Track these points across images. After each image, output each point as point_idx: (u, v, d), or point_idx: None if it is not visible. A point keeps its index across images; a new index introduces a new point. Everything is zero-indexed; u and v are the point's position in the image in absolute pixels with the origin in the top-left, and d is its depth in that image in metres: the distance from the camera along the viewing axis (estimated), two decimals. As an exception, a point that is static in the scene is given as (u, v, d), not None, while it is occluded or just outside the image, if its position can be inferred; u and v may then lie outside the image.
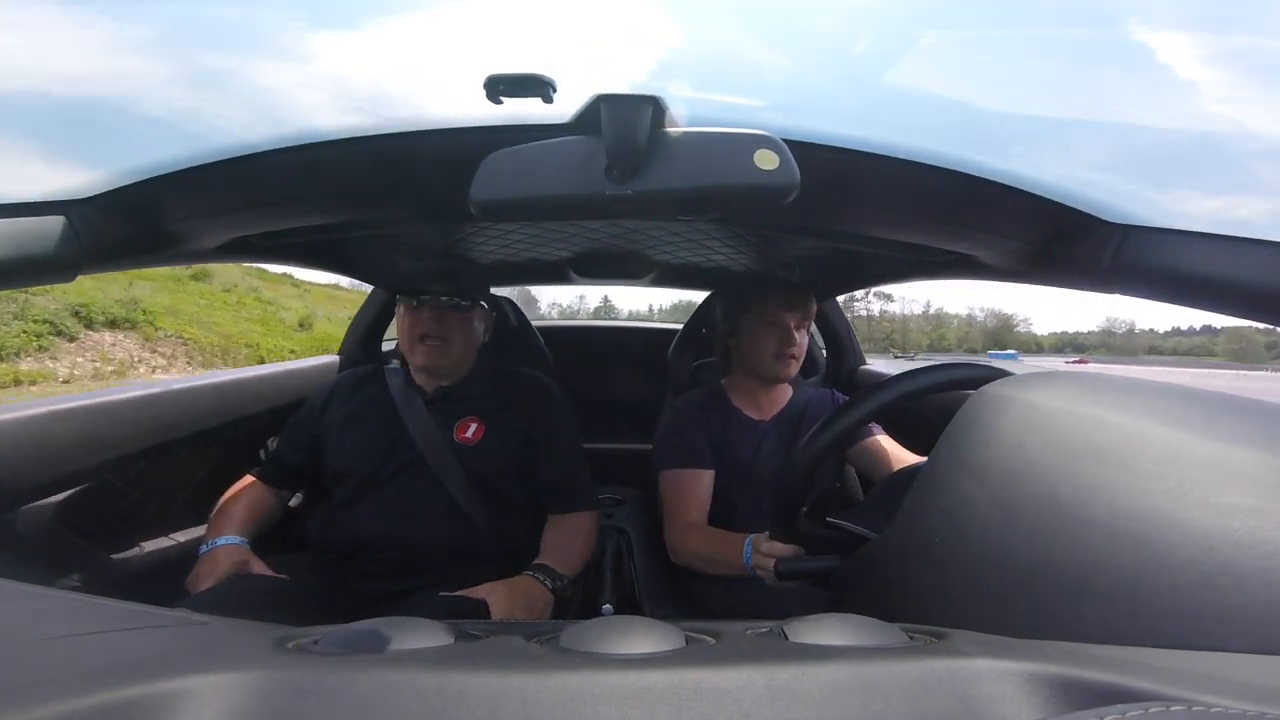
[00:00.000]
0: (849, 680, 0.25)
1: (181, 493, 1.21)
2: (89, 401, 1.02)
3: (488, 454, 1.13)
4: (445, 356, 1.14)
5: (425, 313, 1.11)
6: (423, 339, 1.11)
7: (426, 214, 1.00)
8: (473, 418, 1.15)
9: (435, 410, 1.15)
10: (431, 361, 1.14)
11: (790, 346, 1.22)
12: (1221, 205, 0.69)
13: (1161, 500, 0.34)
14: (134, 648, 0.32)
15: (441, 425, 1.13)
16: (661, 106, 0.56)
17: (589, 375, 2.19)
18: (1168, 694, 0.23)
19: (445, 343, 1.13)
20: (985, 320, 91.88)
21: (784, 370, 1.23)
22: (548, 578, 1.01)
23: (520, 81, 0.53)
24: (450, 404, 1.16)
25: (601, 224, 1.45)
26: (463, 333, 1.15)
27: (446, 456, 1.10)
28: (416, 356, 1.14)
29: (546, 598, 0.99)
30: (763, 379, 1.28)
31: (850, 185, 0.79)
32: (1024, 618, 0.37)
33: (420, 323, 1.11)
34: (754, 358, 1.25)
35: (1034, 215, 0.80)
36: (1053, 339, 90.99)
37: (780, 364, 1.22)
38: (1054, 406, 0.44)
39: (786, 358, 1.22)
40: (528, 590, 0.98)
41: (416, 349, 1.13)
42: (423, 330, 1.11)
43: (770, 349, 1.22)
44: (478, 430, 1.14)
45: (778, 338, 1.21)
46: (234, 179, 0.76)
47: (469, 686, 0.24)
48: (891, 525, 0.53)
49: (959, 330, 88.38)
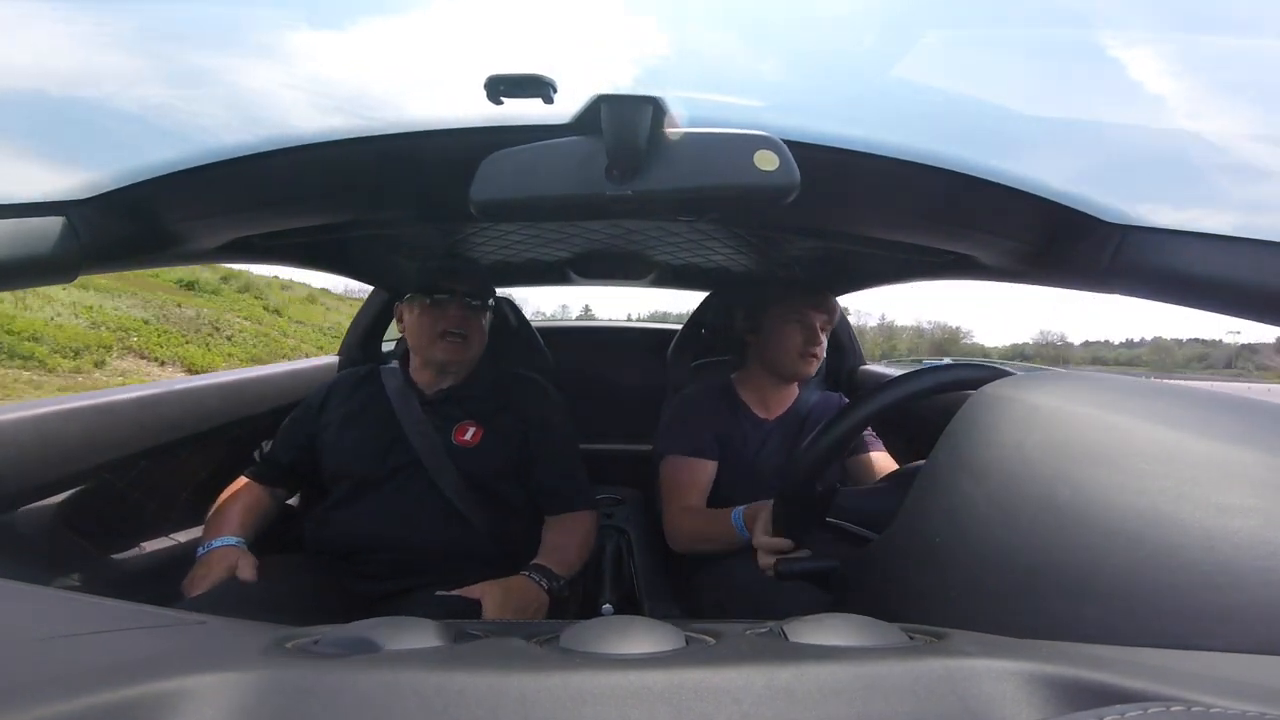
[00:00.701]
0: (849, 680, 0.25)
1: (182, 493, 1.21)
2: (90, 401, 1.02)
3: (486, 457, 1.13)
4: (465, 352, 1.15)
5: (450, 310, 1.12)
6: (445, 335, 1.12)
7: (427, 214, 1.00)
8: (471, 421, 1.15)
9: (433, 412, 1.15)
10: (452, 357, 1.14)
11: (815, 345, 1.22)
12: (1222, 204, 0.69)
13: (1160, 500, 0.34)
14: (134, 648, 0.32)
15: (439, 427, 1.13)
16: (662, 107, 0.56)
17: (588, 375, 2.19)
18: (1167, 694, 0.23)
19: (466, 339, 1.14)
20: (932, 331, 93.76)
21: (806, 369, 1.24)
22: (543, 578, 1.01)
23: (521, 82, 0.53)
24: (449, 406, 1.16)
25: (602, 224, 1.46)
26: (480, 330, 1.17)
27: (443, 459, 1.10)
28: (437, 352, 1.13)
29: (542, 598, 0.99)
30: (782, 376, 1.28)
31: (850, 186, 0.79)
32: (1024, 618, 0.37)
33: (444, 319, 1.12)
34: (777, 354, 1.25)
35: (1033, 216, 0.80)
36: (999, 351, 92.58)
37: (804, 362, 1.23)
38: (1053, 407, 0.44)
39: (810, 356, 1.23)
40: (523, 590, 0.98)
41: (438, 345, 1.13)
42: (446, 326, 1.12)
43: (796, 347, 1.23)
44: (476, 433, 1.14)
45: (804, 336, 1.22)
46: (235, 179, 0.76)
47: (468, 687, 0.24)
48: (892, 525, 0.53)
49: (909, 341, 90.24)
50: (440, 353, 1.13)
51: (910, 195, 0.81)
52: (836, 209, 0.89)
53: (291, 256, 1.27)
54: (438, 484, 1.08)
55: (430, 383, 1.18)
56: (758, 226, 1.23)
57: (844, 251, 1.36)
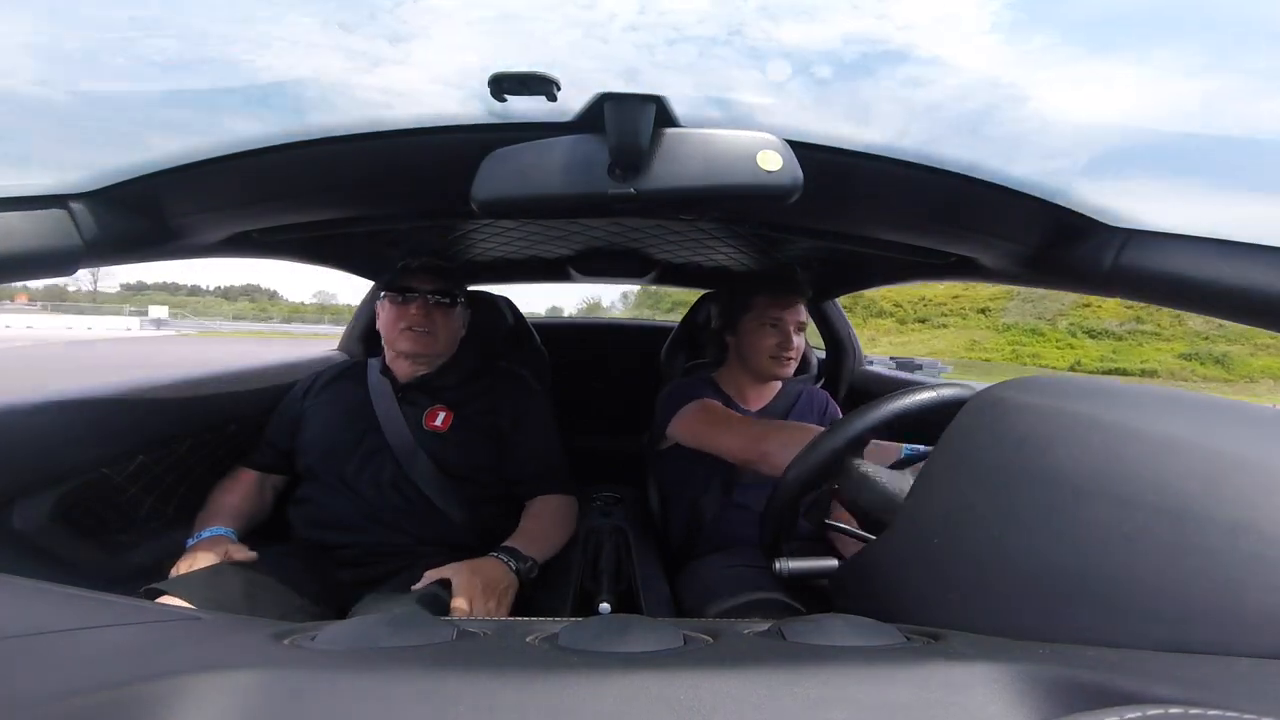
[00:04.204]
0: (846, 681, 0.25)
1: (180, 487, 1.21)
2: (86, 394, 1.02)
3: (455, 443, 1.16)
4: (431, 345, 1.18)
5: (412, 308, 1.17)
6: (408, 329, 1.16)
7: (429, 211, 1.00)
8: (442, 406, 1.18)
9: (407, 400, 1.19)
10: (416, 347, 1.18)
11: (788, 349, 1.24)
12: (1223, 206, 0.69)
13: (1159, 502, 0.34)
14: (132, 644, 0.32)
15: (410, 415, 1.16)
16: (665, 106, 0.56)
17: (586, 372, 2.19)
18: (1165, 697, 0.23)
19: (430, 334, 1.18)
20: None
21: (781, 371, 1.26)
22: (511, 559, 1.02)
23: (524, 80, 0.53)
24: (422, 393, 1.20)
25: (603, 222, 1.46)
26: (447, 326, 1.21)
27: (412, 445, 1.13)
28: (401, 343, 1.18)
29: (509, 579, 1.00)
30: (759, 377, 1.31)
31: (852, 187, 0.79)
32: (1022, 619, 0.37)
33: (405, 316, 1.16)
34: (752, 357, 1.27)
35: (1035, 218, 0.80)
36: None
37: (778, 365, 1.25)
38: (1052, 409, 0.44)
39: (784, 359, 1.25)
40: (489, 571, 0.98)
41: (402, 335, 1.17)
42: (407, 323, 1.16)
43: (769, 351, 1.25)
44: (446, 418, 1.17)
45: (777, 340, 1.24)
46: (236, 174, 0.76)
47: (467, 684, 0.24)
48: (891, 526, 0.53)
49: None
50: (403, 343, 1.17)
51: (912, 197, 0.81)
52: (838, 210, 0.89)
53: (293, 252, 1.27)
54: (409, 472, 1.11)
55: (406, 372, 1.22)
56: (759, 226, 1.23)
57: (845, 252, 1.36)
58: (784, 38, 0.57)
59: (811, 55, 0.59)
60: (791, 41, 0.57)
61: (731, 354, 1.34)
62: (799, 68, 0.59)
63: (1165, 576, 0.32)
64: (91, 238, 0.73)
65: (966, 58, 0.62)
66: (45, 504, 0.93)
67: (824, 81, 0.62)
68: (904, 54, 0.61)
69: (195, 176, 0.75)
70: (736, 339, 1.31)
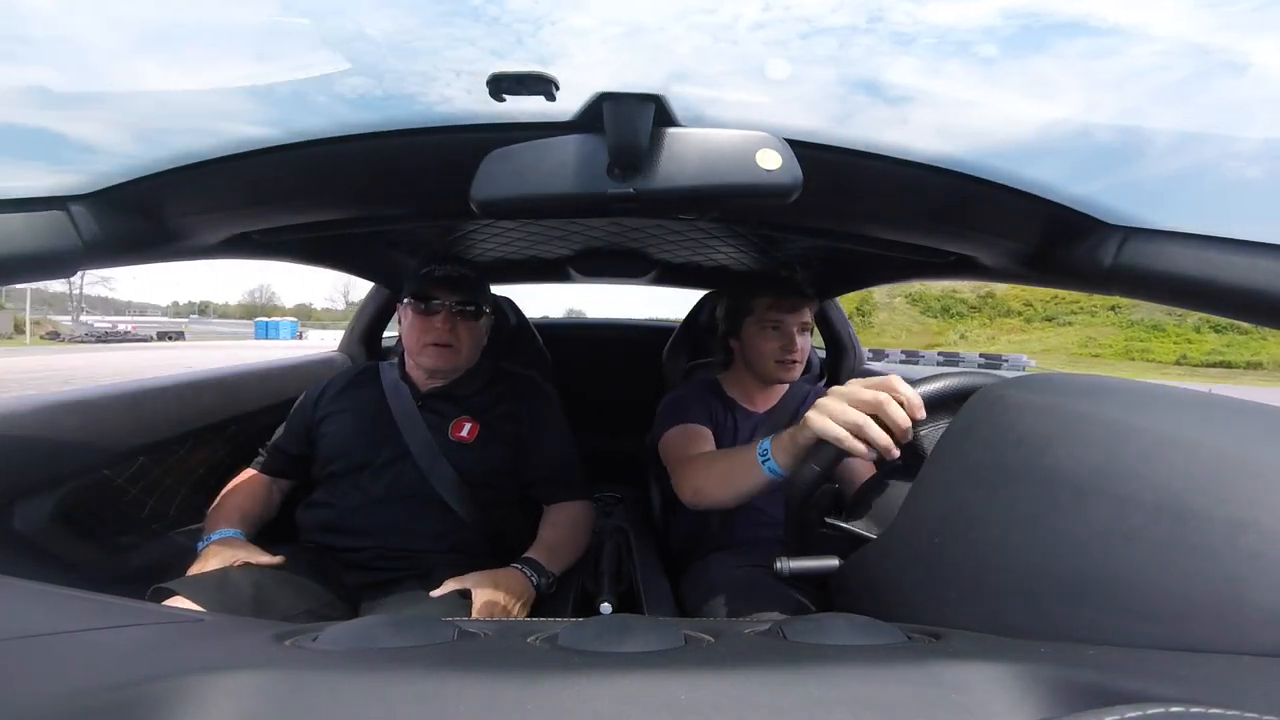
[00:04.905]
0: (847, 680, 0.25)
1: (182, 489, 1.21)
2: (87, 396, 1.02)
3: (484, 453, 1.15)
4: (453, 359, 1.17)
5: (437, 320, 1.14)
6: (432, 345, 1.14)
7: (428, 211, 1.00)
8: (467, 417, 1.17)
9: (429, 409, 1.17)
10: (440, 364, 1.16)
11: (792, 352, 1.24)
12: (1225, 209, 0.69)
13: (1160, 500, 0.34)
14: (133, 645, 0.32)
15: (435, 424, 1.15)
16: (664, 105, 0.56)
17: (588, 373, 2.19)
18: (1165, 695, 0.23)
19: (454, 349, 1.15)
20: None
21: (786, 374, 1.26)
22: (535, 574, 1.02)
23: (523, 79, 0.53)
24: (445, 403, 1.18)
25: (602, 222, 1.46)
26: (471, 337, 1.18)
27: (435, 454, 1.12)
28: (425, 359, 1.16)
29: (530, 593, 1.00)
30: (764, 380, 1.30)
31: (852, 186, 0.79)
32: (1022, 618, 0.37)
33: (431, 330, 1.14)
34: (756, 361, 1.27)
35: (1035, 217, 0.80)
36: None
37: (782, 368, 1.25)
38: (1051, 407, 0.44)
39: (789, 362, 1.24)
40: (511, 582, 0.99)
41: (426, 351, 1.15)
42: (432, 338, 1.14)
43: (773, 354, 1.24)
44: (473, 429, 1.16)
45: (780, 344, 1.24)
46: (234, 175, 0.76)
47: (468, 685, 0.24)
48: (891, 525, 0.53)
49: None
50: (429, 359, 1.16)
51: (912, 196, 0.81)
52: (838, 209, 0.89)
53: (292, 253, 1.27)
54: (429, 478, 1.10)
55: (425, 380, 1.20)
56: (759, 226, 1.23)
57: (845, 251, 1.36)
58: (930, 18, 0.53)
59: (967, 35, 0.55)
60: (941, 21, 0.54)
61: (737, 357, 1.34)
62: (798, 65, 0.59)
63: (1165, 575, 0.32)
64: (91, 239, 0.73)
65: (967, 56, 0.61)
66: (46, 505, 0.93)
67: (990, 60, 0.58)
68: (902, 52, 0.60)
69: (194, 178, 0.75)
70: (740, 343, 1.30)
